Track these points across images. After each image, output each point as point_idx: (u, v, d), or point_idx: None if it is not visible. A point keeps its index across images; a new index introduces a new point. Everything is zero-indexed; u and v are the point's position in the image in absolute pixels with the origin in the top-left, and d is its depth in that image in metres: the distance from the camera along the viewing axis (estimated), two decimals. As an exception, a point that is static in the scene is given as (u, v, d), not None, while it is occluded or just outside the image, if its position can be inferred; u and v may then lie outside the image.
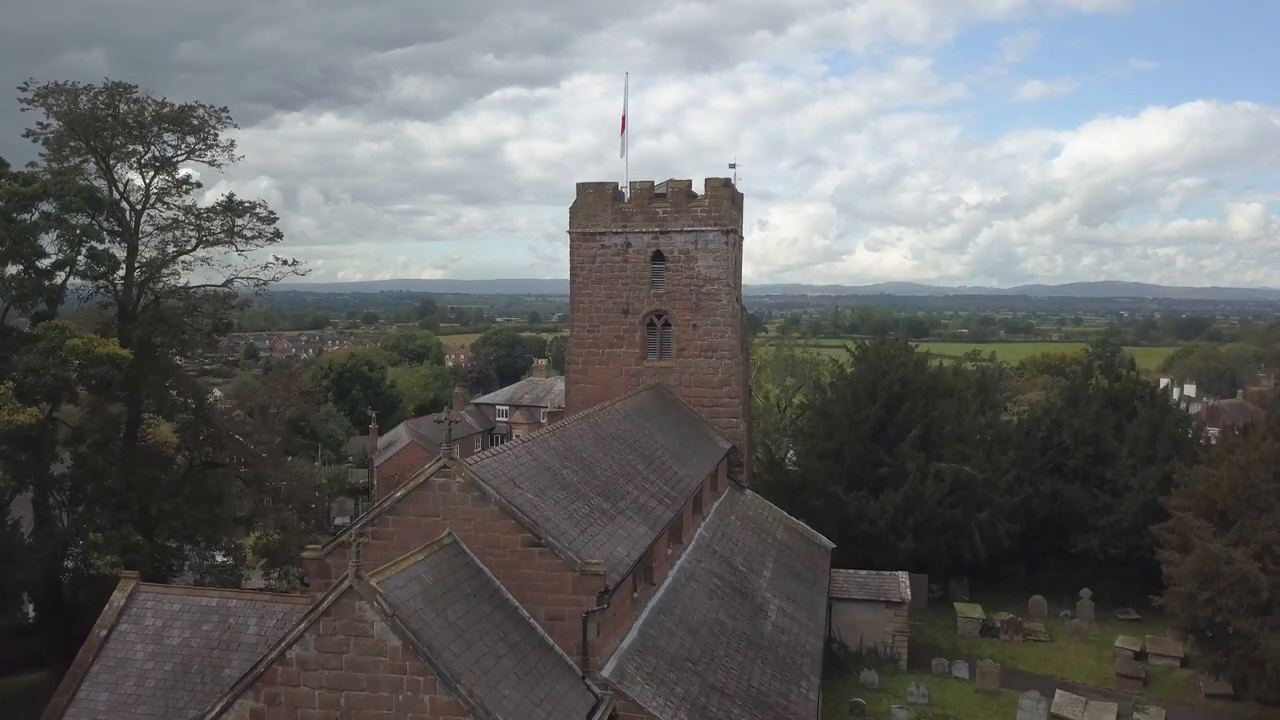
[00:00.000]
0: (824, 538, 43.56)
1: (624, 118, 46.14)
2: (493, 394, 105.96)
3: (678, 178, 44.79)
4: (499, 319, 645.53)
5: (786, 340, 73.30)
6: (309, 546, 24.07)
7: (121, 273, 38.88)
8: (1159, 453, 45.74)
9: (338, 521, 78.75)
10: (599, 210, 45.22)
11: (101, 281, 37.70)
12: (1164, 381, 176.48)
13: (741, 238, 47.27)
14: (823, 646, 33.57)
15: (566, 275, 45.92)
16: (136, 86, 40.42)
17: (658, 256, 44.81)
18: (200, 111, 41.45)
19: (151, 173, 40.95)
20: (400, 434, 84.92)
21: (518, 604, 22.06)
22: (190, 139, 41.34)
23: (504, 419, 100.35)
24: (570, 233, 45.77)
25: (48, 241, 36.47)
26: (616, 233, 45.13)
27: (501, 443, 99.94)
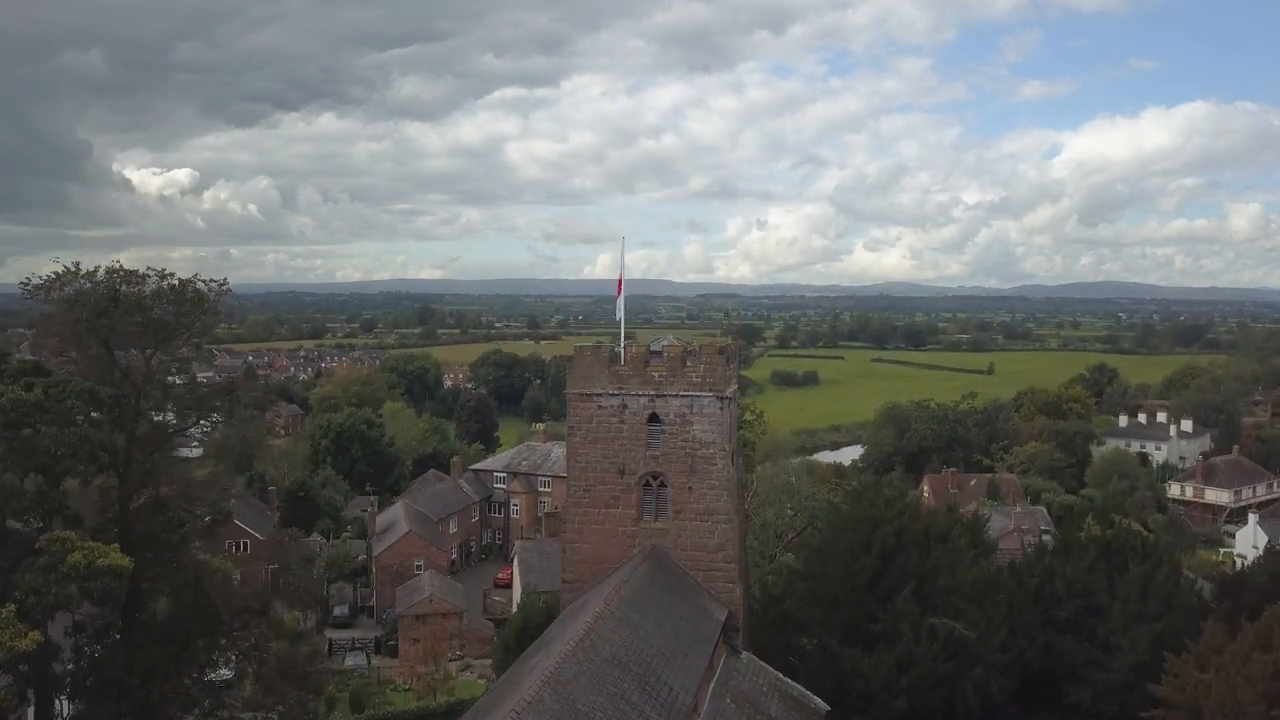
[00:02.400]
0: (818, 699, 43.84)
1: (620, 279, 46.47)
2: (490, 460, 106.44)
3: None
4: (497, 324, 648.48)
5: (784, 463, 73.32)
6: None
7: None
8: (1150, 611, 46.15)
9: (336, 613, 79.34)
10: (595, 371, 45.52)
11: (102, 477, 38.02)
12: (1161, 416, 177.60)
13: (736, 398, 47.63)
14: None
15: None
16: (136, 270, 40.89)
17: (654, 418, 45.09)
18: (199, 285, 41.86)
19: (151, 349, 41.34)
20: (398, 516, 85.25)
21: None
22: (189, 316, 41.71)
23: (501, 485, 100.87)
24: (568, 393, 46.12)
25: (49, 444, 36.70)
26: (613, 394, 45.41)
27: (499, 510, 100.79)
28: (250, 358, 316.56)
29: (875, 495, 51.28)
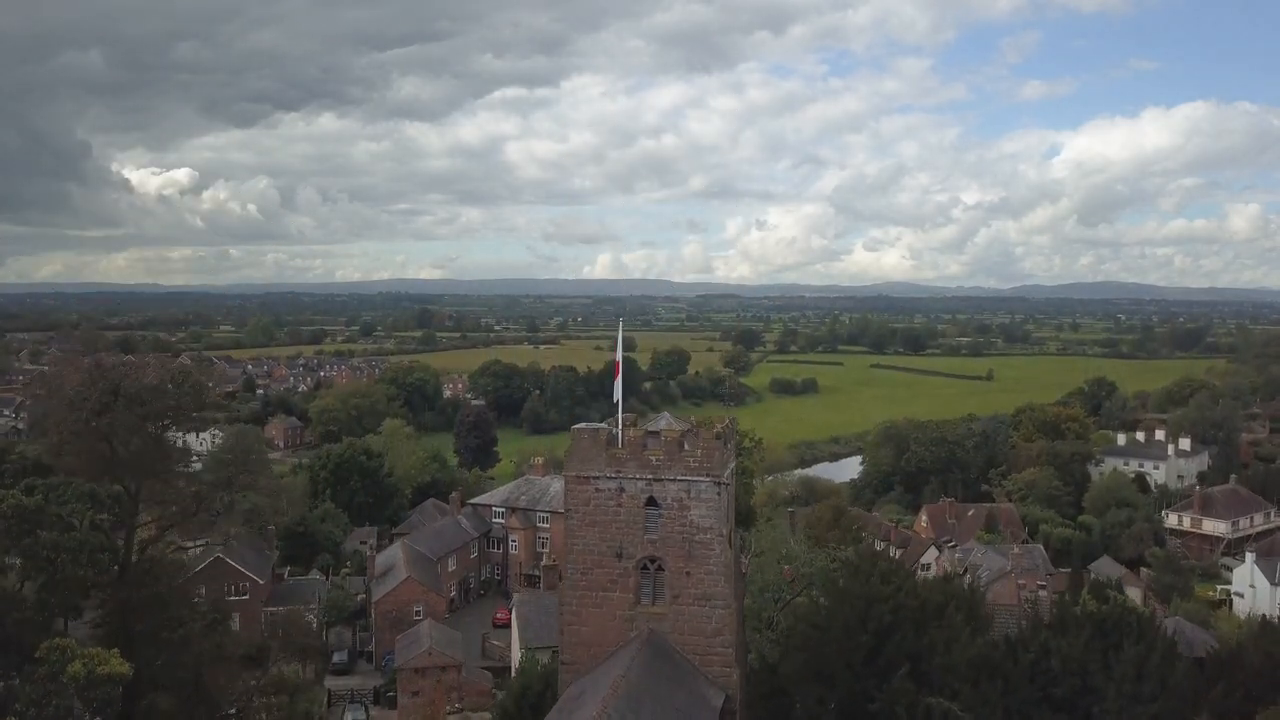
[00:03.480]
0: (815, 783, 44.15)
1: (617, 364, 46.64)
2: (489, 494, 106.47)
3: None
4: (496, 326, 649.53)
5: (777, 522, 73.35)
6: None
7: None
8: (1146, 692, 46.29)
9: (335, 659, 79.48)
10: (593, 454, 45.64)
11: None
12: (1160, 434, 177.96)
13: (733, 480, 47.82)
14: None
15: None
16: (137, 359, 41.05)
17: (651, 502, 45.22)
18: (194, 379, 42.11)
19: (152, 439, 41.54)
20: (398, 558, 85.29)
21: None
22: (188, 405, 41.93)
23: (500, 520, 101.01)
24: (565, 476, 46.28)
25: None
26: (610, 477, 45.54)
27: (497, 546, 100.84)
28: (250, 366, 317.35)
29: (871, 569, 51.43)
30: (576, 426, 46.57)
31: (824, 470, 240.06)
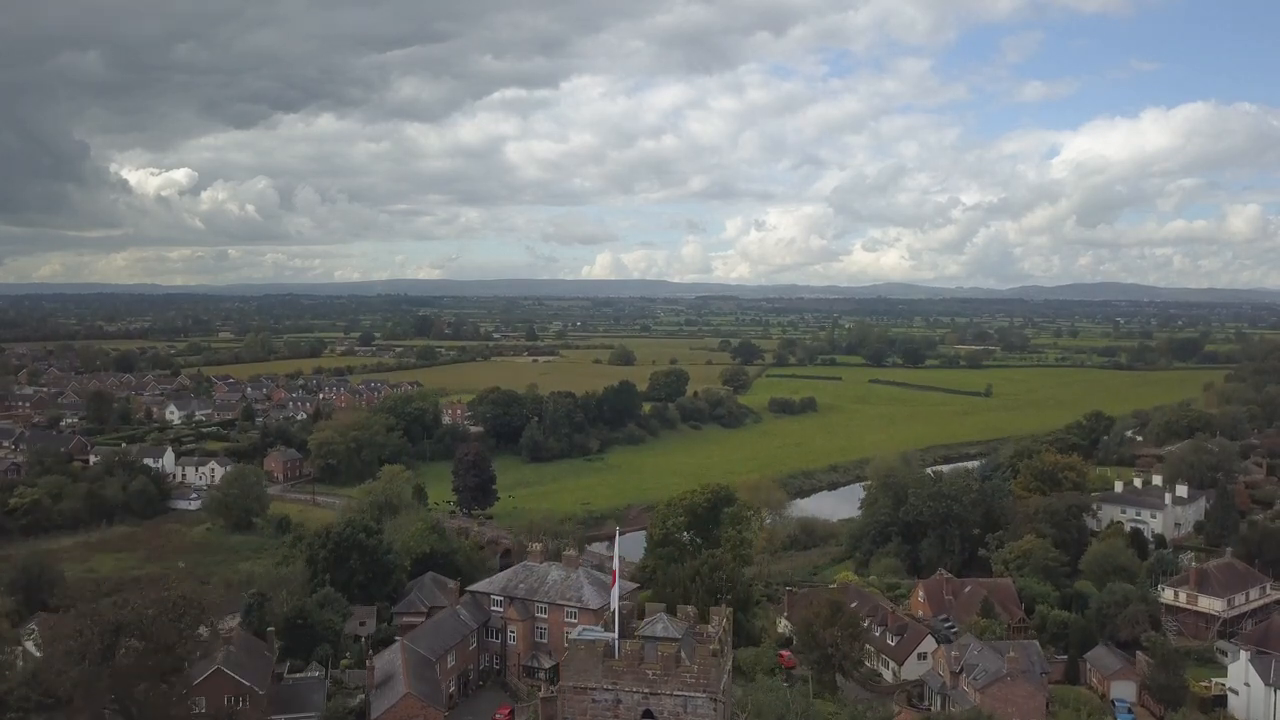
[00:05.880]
0: None
1: (614, 572, 46.87)
2: (487, 582, 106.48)
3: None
4: (495, 335, 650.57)
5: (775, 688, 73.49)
6: None
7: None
8: None
9: (334, 780, 79.74)
10: (589, 666, 46.03)
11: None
12: (1156, 478, 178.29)
13: (730, 693, 48.11)
14: None
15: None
16: (140, 598, 41.30)
17: (648, 715, 45.62)
18: (194, 604, 42.39)
19: (155, 678, 41.79)
20: (396, 667, 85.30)
21: None
22: (189, 629, 42.23)
23: (498, 609, 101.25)
24: (562, 686, 46.62)
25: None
26: (607, 689, 45.96)
27: (496, 635, 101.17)
28: (249, 389, 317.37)
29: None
30: (574, 637, 46.90)
31: (823, 500, 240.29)
